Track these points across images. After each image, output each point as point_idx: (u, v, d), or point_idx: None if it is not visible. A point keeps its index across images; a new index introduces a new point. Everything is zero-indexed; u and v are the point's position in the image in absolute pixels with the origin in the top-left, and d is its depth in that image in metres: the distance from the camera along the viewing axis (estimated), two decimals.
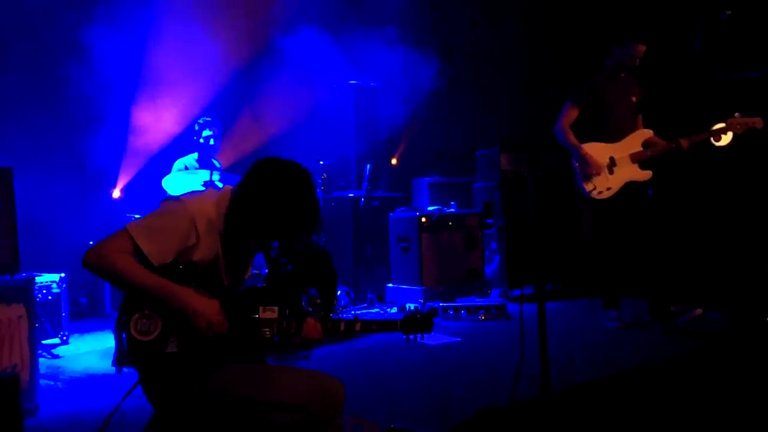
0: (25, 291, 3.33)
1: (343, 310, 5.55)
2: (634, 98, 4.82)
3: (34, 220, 4.69)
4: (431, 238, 5.91)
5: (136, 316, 2.05)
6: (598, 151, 4.71)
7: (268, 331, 2.16)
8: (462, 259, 6.09)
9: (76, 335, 5.15)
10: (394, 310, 6.02)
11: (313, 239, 5.08)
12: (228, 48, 6.12)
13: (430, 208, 6.29)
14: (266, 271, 4.62)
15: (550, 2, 7.44)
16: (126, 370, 3.80)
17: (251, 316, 2.16)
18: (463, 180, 7.03)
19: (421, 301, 5.75)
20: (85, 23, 5.55)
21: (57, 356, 4.56)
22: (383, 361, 4.23)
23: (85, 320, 5.68)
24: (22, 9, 5.49)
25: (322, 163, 5.68)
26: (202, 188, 4.48)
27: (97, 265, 2.04)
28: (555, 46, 7.40)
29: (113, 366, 3.92)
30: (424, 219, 5.89)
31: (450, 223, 6.05)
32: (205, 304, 2.07)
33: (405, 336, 2.34)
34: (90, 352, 4.68)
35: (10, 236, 3.32)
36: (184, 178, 4.86)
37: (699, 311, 4.49)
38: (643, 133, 4.78)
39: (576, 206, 6.45)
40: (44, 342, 4.64)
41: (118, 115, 5.98)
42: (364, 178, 6.05)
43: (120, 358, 1.98)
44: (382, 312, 5.93)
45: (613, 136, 4.74)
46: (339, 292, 5.30)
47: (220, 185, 4.70)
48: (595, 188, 4.67)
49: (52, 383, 3.89)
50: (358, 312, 5.76)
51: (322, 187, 5.68)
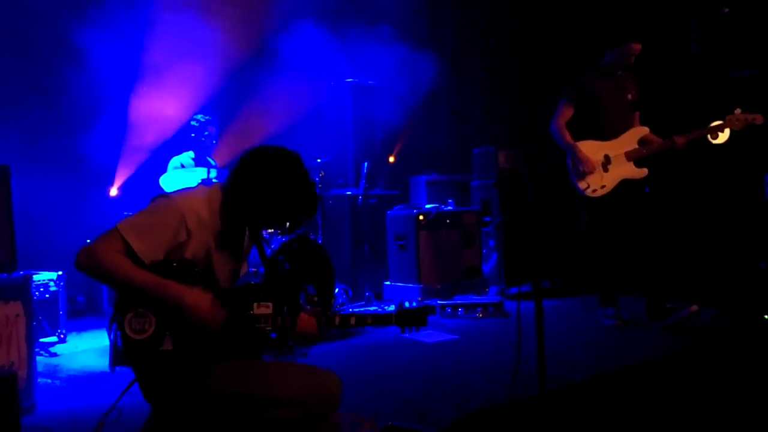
0: (23, 289, 3.34)
1: (341, 308, 5.55)
2: (629, 95, 4.78)
3: (31, 218, 4.69)
4: (429, 236, 5.92)
5: (129, 315, 2.05)
6: (593, 149, 4.68)
7: (264, 327, 2.16)
8: (459, 256, 6.10)
9: (74, 333, 5.16)
10: (392, 308, 6.01)
11: (311, 237, 5.07)
12: (225, 46, 6.12)
13: (427, 206, 6.29)
14: (263, 269, 4.63)
15: (546, 2, 7.44)
16: (119, 369, 3.79)
17: (246, 312, 2.16)
18: (460, 178, 7.03)
19: (419, 298, 5.76)
20: (82, 22, 5.54)
21: (54, 354, 4.56)
22: (381, 359, 4.23)
23: (82, 318, 5.68)
24: (19, 8, 5.48)
25: (319, 161, 5.67)
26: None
27: (89, 265, 2.04)
28: (552, 44, 7.41)
29: (109, 369, 3.90)
30: (421, 217, 5.90)
31: (447, 220, 6.06)
32: (199, 298, 2.07)
33: (400, 330, 2.34)
34: (87, 350, 4.68)
35: (7, 234, 3.32)
36: (181, 176, 4.85)
37: (695, 308, 4.48)
38: (639, 131, 4.74)
39: (573, 204, 6.46)
40: (42, 340, 4.64)
41: (115, 113, 5.97)
42: (362, 176, 6.04)
43: (115, 358, 1.97)
44: (379, 310, 5.93)
45: (609, 133, 4.71)
46: (337, 290, 5.30)
47: None
48: (588, 186, 4.65)
49: (50, 381, 3.89)
50: (356, 310, 5.76)
51: (320, 185, 5.67)
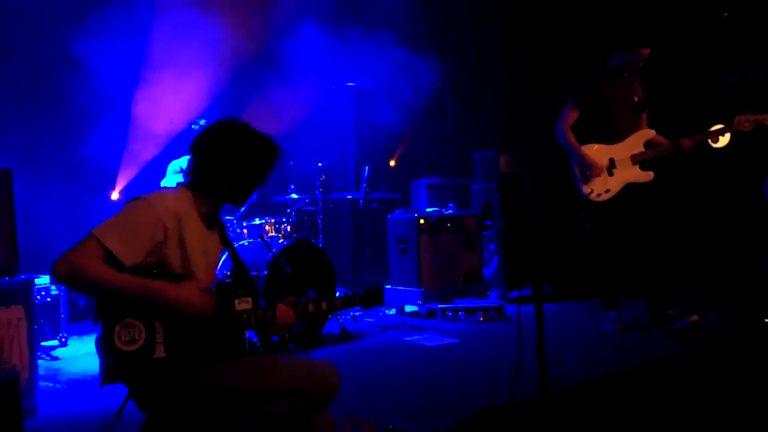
0: (25, 293, 3.35)
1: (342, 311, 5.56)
2: (636, 98, 4.69)
3: (33, 222, 4.70)
4: (430, 239, 5.92)
5: (117, 328, 2.02)
6: (598, 153, 4.62)
7: (247, 321, 2.20)
8: (460, 260, 6.10)
9: (75, 337, 5.16)
10: (393, 311, 6.03)
11: (312, 241, 5.07)
12: (226, 50, 6.14)
13: (428, 209, 6.30)
14: (264, 273, 4.63)
15: (547, 5, 7.46)
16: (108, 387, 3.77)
17: (229, 308, 2.18)
18: (461, 181, 7.04)
19: (420, 302, 5.76)
20: (83, 28, 5.57)
21: (56, 358, 4.57)
22: (382, 362, 4.23)
23: (83, 322, 5.68)
24: (22, 14, 5.51)
25: (320, 165, 5.69)
26: None
27: (69, 274, 1.96)
28: (553, 48, 7.42)
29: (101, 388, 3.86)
30: (422, 220, 5.90)
31: (448, 224, 6.06)
32: (187, 289, 2.07)
33: (364, 309, 2.42)
34: (88, 353, 4.69)
35: (9, 238, 3.33)
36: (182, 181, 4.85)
37: (695, 318, 4.42)
38: (646, 134, 4.66)
39: (575, 207, 6.45)
40: (43, 344, 4.66)
41: (117, 118, 6.00)
42: (363, 179, 6.06)
43: (106, 376, 1.96)
44: (380, 313, 5.93)
45: (615, 137, 4.64)
46: (338, 294, 5.31)
47: None
48: (593, 191, 4.60)
49: (51, 385, 3.90)
50: (356, 314, 5.77)
51: (321, 189, 5.69)
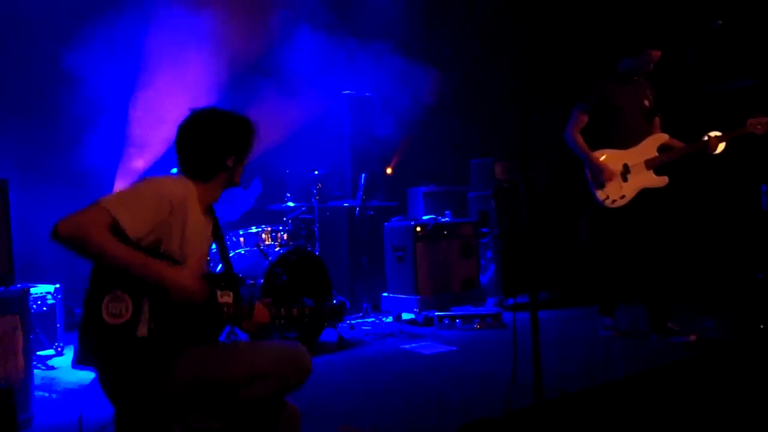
0: (20, 302, 3.34)
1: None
2: (646, 102, 4.62)
3: (29, 231, 4.69)
4: (426, 247, 5.93)
5: (107, 300, 2.02)
6: (611, 158, 4.53)
7: (227, 314, 2.24)
8: (457, 268, 6.10)
9: (71, 346, 5.14)
10: (390, 319, 6.03)
11: (308, 249, 5.07)
12: (222, 58, 6.15)
13: (425, 217, 6.31)
14: (261, 281, 4.64)
15: (542, 14, 7.49)
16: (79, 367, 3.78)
17: (213, 298, 2.22)
18: (457, 189, 7.05)
19: (416, 310, 5.76)
20: (78, 38, 5.58)
21: (52, 367, 4.56)
22: (379, 371, 4.23)
23: None
24: (18, 23, 5.52)
25: (316, 172, 5.70)
26: None
27: (72, 236, 1.94)
28: (548, 55, 7.46)
29: (72, 367, 3.80)
30: (419, 228, 5.91)
31: (445, 232, 6.07)
32: (183, 274, 2.10)
33: (327, 323, 2.46)
34: None
35: (5, 247, 3.33)
36: None
37: (693, 337, 4.38)
38: (659, 138, 4.59)
39: (573, 214, 6.46)
40: (39, 353, 4.64)
41: (113, 126, 6.00)
42: (359, 187, 6.06)
43: (81, 355, 1.95)
44: (377, 321, 5.93)
45: (627, 142, 4.56)
46: (334, 302, 5.30)
47: None
48: (608, 197, 4.49)
49: (47, 394, 3.89)
50: (353, 322, 5.76)
51: (317, 197, 5.70)
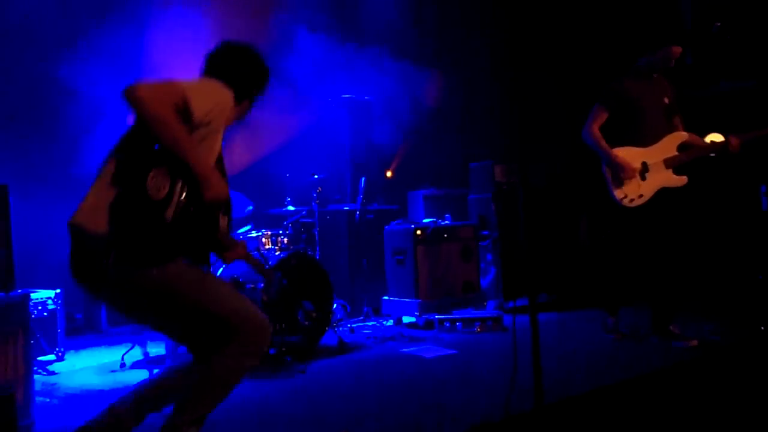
0: (21, 307, 3.35)
1: (339, 323, 5.56)
2: (666, 99, 4.54)
3: (29, 237, 4.70)
4: (426, 250, 5.93)
5: (153, 173, 2.19)
6: (630, 156, 4.45)
7: (220, 233, 2.48)
8: (457, 271, 6.10)
9: (72, 351, 5.15)
10: (390, 322, 6.03)
11: (309, 253, 5.07)
12: None
13: (425, 220, 6.31)
14: (261, 285, 4.63)
15: (541, 16, 7.51)
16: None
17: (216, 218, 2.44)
18: (457, 192, 7.06)
19: (417, 313, 5.77)
20: (75, 46, 5.59)
21: (52, 373, 4.56)
22: (380, 374, 4.23)
23: (80, 336, 5.67)
24: (15, 28, 5.54)
25: (317, 176, 5.70)
26: None
27: (145, 100, 2.11)
28: (549, 57, 7.47)
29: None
30: (419, 231, 5.91)
31: (445, 235, 6.08)
32: (217, 174, 2.28)
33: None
34: (86, 368, 4.68)
35: (5, 253, 3.34)
36: None
37: (694, 342, 4.36)
38: (679, 136, 4.52)
39: (574, 215, 6.44)
40: (40, 359, 4.64)
41: (113, 131, 5.99)
42: (359, 191, 6.07)
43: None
44: (378, 325, 5.94)
45: (646, 139, 4.48)
46: (335, 306, 5.30)
47: None
48: (626, 196, 4.43)
49: (48, 400, 3.88)
50: (353, 325, 5.77)
51: (317, 201, 5.70)
